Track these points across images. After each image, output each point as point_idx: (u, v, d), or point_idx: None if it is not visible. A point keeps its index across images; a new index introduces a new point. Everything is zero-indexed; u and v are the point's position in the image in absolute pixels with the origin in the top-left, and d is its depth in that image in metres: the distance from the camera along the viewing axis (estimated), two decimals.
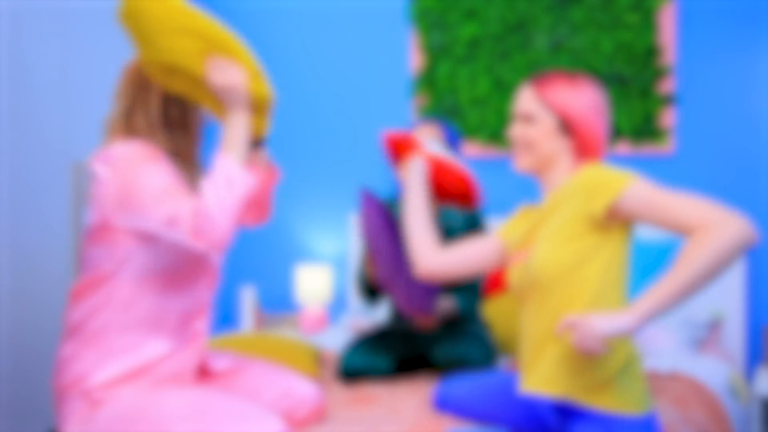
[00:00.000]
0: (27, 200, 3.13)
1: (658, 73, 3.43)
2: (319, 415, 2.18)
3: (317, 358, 2.78)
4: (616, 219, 1.83)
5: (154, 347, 2.01)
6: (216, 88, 1.95)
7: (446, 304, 2.74)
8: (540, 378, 1.85)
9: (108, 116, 2.12)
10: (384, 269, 2.46)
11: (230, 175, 1.90)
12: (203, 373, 2.19)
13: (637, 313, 1.67)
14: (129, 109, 2.07)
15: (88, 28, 3.45)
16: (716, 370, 2.87)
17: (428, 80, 3.71)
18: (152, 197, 1.93)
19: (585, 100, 1.93)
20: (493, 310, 3.08)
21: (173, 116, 2.07)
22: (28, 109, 3.17)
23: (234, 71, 1.94)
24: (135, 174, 1.95)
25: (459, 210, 2.80)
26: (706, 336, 3.22)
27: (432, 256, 2.11)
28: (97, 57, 3.51)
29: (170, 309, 2.03)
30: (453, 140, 2.82)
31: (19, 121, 3.13)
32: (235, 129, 1.96)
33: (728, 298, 3.29)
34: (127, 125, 2.07)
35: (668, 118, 3.45)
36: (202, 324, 2.11)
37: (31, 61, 3.19)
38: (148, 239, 1.98)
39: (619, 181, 1.80)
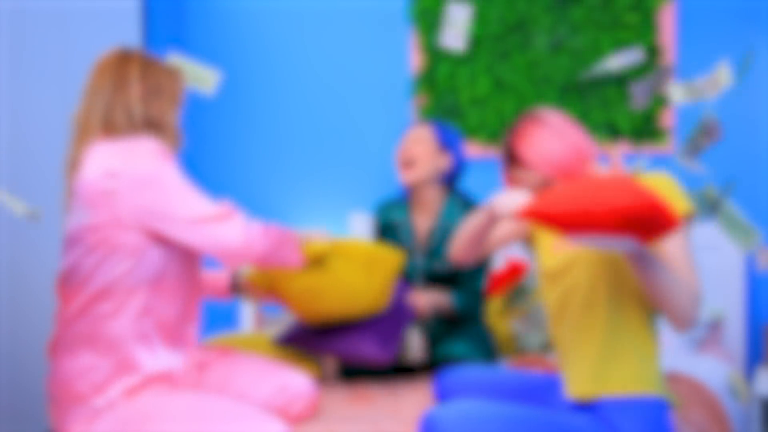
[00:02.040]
0: (27, 201, 3.13)
1: None
2: (313, 409, 2.17)
3: (317, 358, 2.78)
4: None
5: (162, 354, 2.01)
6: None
7: (443, 301, 2.73)
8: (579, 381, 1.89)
9: (78, 113, 2.06)
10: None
11: (292, 241, 2.12)
12: (198, 368, 2.18)
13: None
14: (108, 106, 2.00)
15: (88, 28, 3.45)
16: (716, 370, 2.86)
17: (428, 80, 3.71)
18: (192, 192, 1.95)
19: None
20: (495, 311, 3.08)
21: (154, 115, 2.03)
22: (28, 109, 3.17)
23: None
24: (167, 169, 1.94)
25: (461, 207, 2.81)
26: (706, 336, 3.22)
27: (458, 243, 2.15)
28: (97, 57, 3.51)
29: (173, 316, 2.03)
30: (452, 142, 2.81)
31: (19, 122, 3.13)
32: (312, 237, 2.28)
33: (728, 298, 3.29)
34: (106, 123, 2.01)
35: (668, 118, 3.45)
36: (193, 330, 2.11)
37: (31, 60, 3.19)
38: (160, 241, 1.97)
39: (687, 204, 1.86)
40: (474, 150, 3.65)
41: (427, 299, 2.71)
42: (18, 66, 3.12)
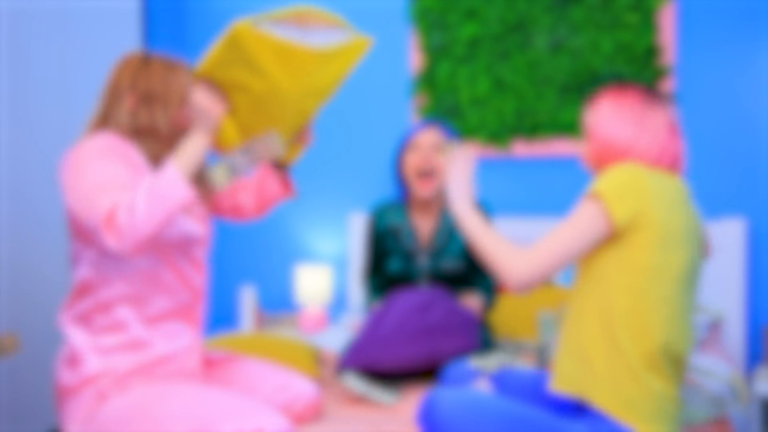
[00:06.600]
0: (27, 200, 3.14)
1: (658, 73, 3.43)
2: (315, 410, 2.19)
3: (317, 358, 2.78)
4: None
5: (161, 338, 2.02)
6: (193, 107, 1.92)
7: (475, 303, 2.76)
8: (559, 376, 1.89)
9: (90, 118, 2.13)
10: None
11: (169, 184, 1.85)
12: (204, 364, 2.20)
13: (465, 210, 1.97)
14: (104, 114, 2.07)
15: (88, 28, 3.45)
16: (716, 371, 2.86)
17: (428, 80, 3.71)
18: (94, 193, 1.87)
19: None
20: (494, 312, 3.08)
21: (142, 124, 2.05)
22: (28, 109, 3.17)
23: (210, 98, 1.93)
24: (85, 170, 1.92)
25: None
26: (706, 336, 3.22)
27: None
28: (97, 57, 3.51)
29: (170, 300, 2.05)
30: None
31: (19, 121, 3.13)
32: (191, 146, 1.92)
33: (728, 298, 3.29)
34: (100, 129, 2.07)
35: None
36: (199, 313, 2.12)
37: (31, 61, 3.19)
38: None
39: (607, 190, 1.87)
40: (474, 150, 3.65)
41: (476, 301, 2.77)
42: (18, 66, 3.13)
